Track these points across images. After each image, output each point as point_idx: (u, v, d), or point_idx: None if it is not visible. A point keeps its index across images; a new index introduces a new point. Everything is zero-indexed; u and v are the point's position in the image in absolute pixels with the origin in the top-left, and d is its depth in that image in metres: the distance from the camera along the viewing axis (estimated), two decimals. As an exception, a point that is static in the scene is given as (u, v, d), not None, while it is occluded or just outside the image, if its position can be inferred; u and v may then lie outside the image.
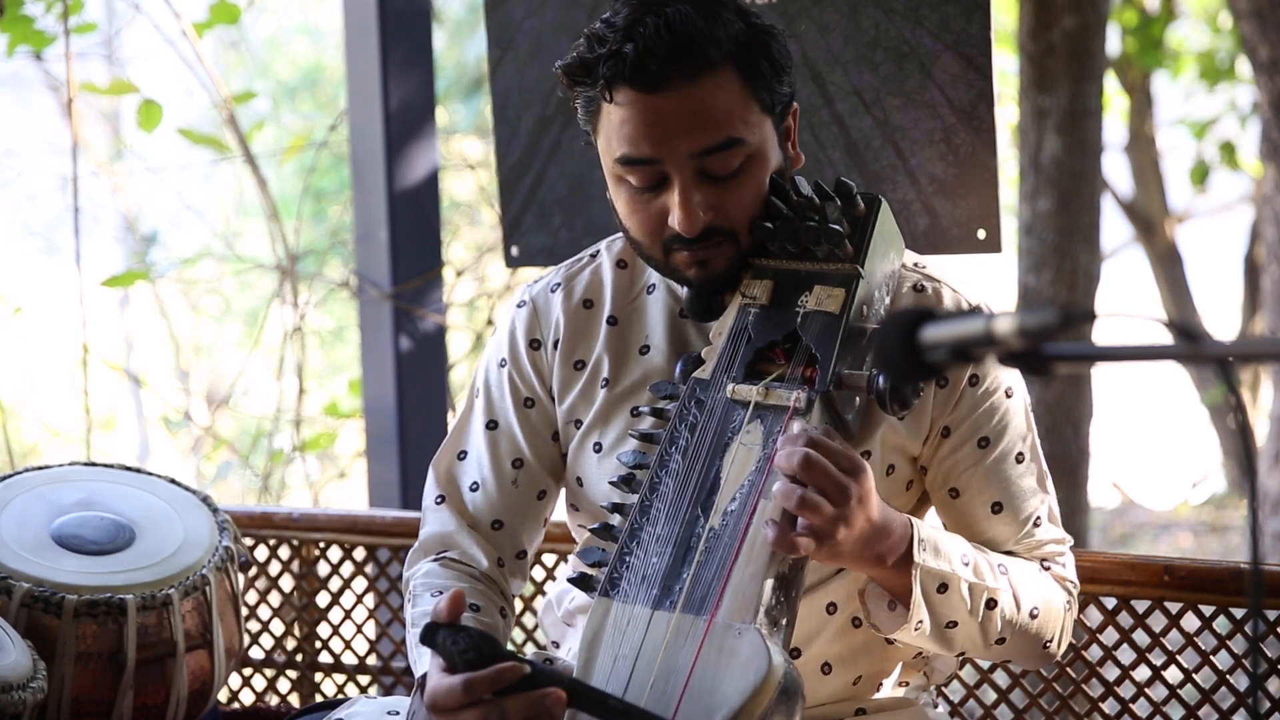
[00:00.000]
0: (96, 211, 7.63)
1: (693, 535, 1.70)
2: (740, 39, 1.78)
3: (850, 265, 1.79)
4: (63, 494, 2.32)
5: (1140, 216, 8.60)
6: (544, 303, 2.00)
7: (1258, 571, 2.10)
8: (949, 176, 2.48)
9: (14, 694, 2.03)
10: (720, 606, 1.65)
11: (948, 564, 1.78)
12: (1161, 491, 9.12)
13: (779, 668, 1.60)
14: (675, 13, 1.75)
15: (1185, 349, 1.17)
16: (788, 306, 1.79)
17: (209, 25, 3.69)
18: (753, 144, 1.79)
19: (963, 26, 2.44)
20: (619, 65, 1.75)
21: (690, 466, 1.75)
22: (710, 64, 1.76)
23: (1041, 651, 1.92)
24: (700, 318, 1.87)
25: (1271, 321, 5.01)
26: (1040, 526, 1.93)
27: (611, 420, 1.94)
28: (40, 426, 7.16)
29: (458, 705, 1.59)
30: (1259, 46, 4.67)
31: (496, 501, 2.00)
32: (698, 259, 1.81)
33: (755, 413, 1.75)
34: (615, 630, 1.69)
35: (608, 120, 1.80)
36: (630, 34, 1.75)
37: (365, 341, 3.25)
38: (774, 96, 1.81)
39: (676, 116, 1.76)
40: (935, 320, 1.33)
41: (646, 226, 1.82)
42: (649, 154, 1.77)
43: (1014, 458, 1.89)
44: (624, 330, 1.96)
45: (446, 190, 6.68)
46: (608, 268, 1.99)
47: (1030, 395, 1.93)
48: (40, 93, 8.41)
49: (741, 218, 1.80)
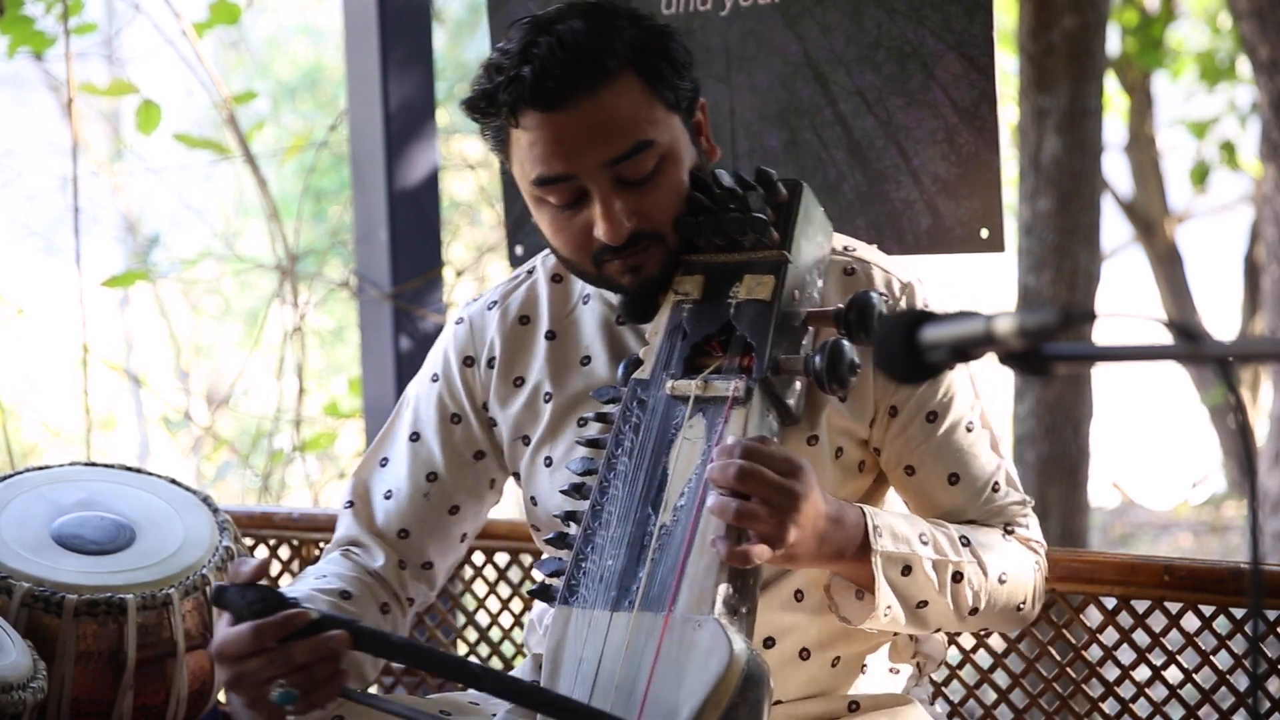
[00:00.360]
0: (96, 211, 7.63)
1: (645, 534, 1.71)
2: (635, 44, 1.80)
3: (777, 251, 1.80)
4: (63, 494, 2.32)
5: (1140, 216, 8.61)
6: (480, 321, 2.03)
7: (1258, 571, 2.10)
8: (951, 176, 2.48)
9: (14, 694, 2.03)
10: (677, 601, 1.65)
11: (907, 546, 1.79)
12: (1161, 491, 9.13)
13: (741, 655, 1.60)
14: (566, 29, 1.78)
15: (1185, 349, 1.17)
16: (720, 299, 1.80)
17: (209, 25, 3.70)
18: (663, 144, 1.80)
19: (965, 26, 2.45)
20: (519, 89, 1.77)
21: (637, 466, 1.76)
22: (608, 73, 1.78)
23: (1015, 615, 1.93)
24: (636, 320, 1.89)
25: (1271, 321, 5.01)
26: (999, 491, 1.93)
27: (560, 433, 1.96)
28: (40, 426, 7.16)
29: (245, 652, 1.60)
30: (1259, 46, 4.68)
31: (406, 511, 2.03)
32: (629, 266, 1.83)
33: (696, 406, 1.76)
34: (577, 636, 1.70)
35: (518, 145, 1.82)
36: (525, 57, 1.77)
37: (365, 341, 3.25)
38: (677, 94, 1.83)
39: (583, 130, 1.77)
40: (935, 320, 1.33)
41: (574, 242, 1.84)
42: (562, 171, 1.79)
43: (964, 428, 1.90)
44: (563, 344, 1.98)
45: (446, 190, 6.68)
46: (543, 283, 2.02)
47: (1031, 395, 1.94)
48: (40, 93, 8.42)
49: (665, 219, 1.82)
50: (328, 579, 1.96)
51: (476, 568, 2.66)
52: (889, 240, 2.53)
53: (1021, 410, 4.99)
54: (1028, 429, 4.97)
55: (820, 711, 1.94)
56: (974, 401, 1.92)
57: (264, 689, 1.60)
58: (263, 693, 1.61)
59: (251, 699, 1.62)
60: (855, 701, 1.96)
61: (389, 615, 1.99)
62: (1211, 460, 9.09)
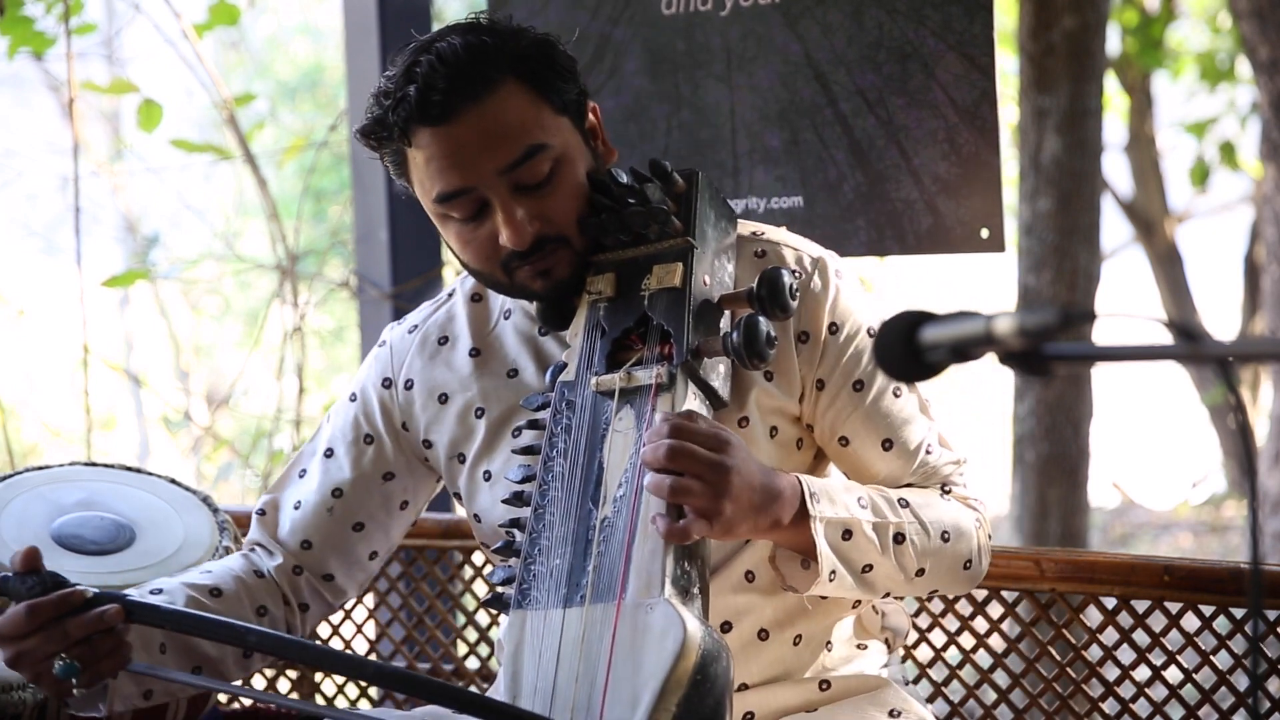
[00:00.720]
0: (97, 211, 7.63)
1: (589, 529, 1.73)
2: (515, 52, 1.83)
3: (682, 239, 1.83)
4: (63, 494, 2.32)
5: (1140, 216, 8.61)
6: (400, 344, 2.07)
7: (1258, 571, 2.10)
8: (952, 176, 2.48)
9: (14, 694, 2.03)
10: (626, 588, 1.67)
11: (845, 510, 1.81)
12: (1161, 491, 9.13)
13: (695, 633, 1.61)
14: (445, 46, 1.81)
15: (1185, 349, 1.17)
16: (633, 292, 1.83)
17: (209, 26, 3.70)
18: (556, 147, 1.83)
19: (965, 26, 2.45)
20: (406, 109, 1.81)
21: (573, 465, 1.78)
22: (490, 82, 1.81)
23: (964, 574, 1.94)
24: (557, 327, 1.92)
25: (1271, 321, 5.01)
26: (932, 454, 1.95)
27: (495, 448, 1.98)
28: (40, 426, 7.16)
29: (22, 631, 1.70)
30: (1259, 46, 4.68)
31: (311, 522, 2.06)
32: (538, 270, 1.85)
33: (623, 399, 1.79)
34: (534, 638, 1.71)
35: (415, 165, 1.85)
36: (409, 77, 1.81)
37: (365, 341, 3.25)
38: (564, 98, 1.86)
39: (474, 140, 1.80)
40: (934, 320, 1.33)
41: (481, 254, 1.87)
42: (460, 184, 1.82)
43: (891, 393, 1.92)
44: (488, 359, 2.01)
45: (446, 190, 6.65)
46: (461, 304, 2.05)
47: (1031, 395, 1.94)
48: (40, 93, 8.42)
49: (567, 220, 1.85)
50: (207, 575, 2.01)
51: (476, 568, 2.66)
52: (889, 240, 2.53)
53: (1021, 410, 4.99)
54: (1028, 429, 4.97)
55: (792, 697, 1.94)
56: None
57: (45, 664, 1.71)
58: (45, 668, 1.72)
59: (34, 674, 1.73)
60: (826, 681, 1.96)
61: (266, 617, 2.02)
62: (1211, 460, 9.09)
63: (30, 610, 1.70)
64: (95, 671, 1.73)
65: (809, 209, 2.58)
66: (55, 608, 1.70)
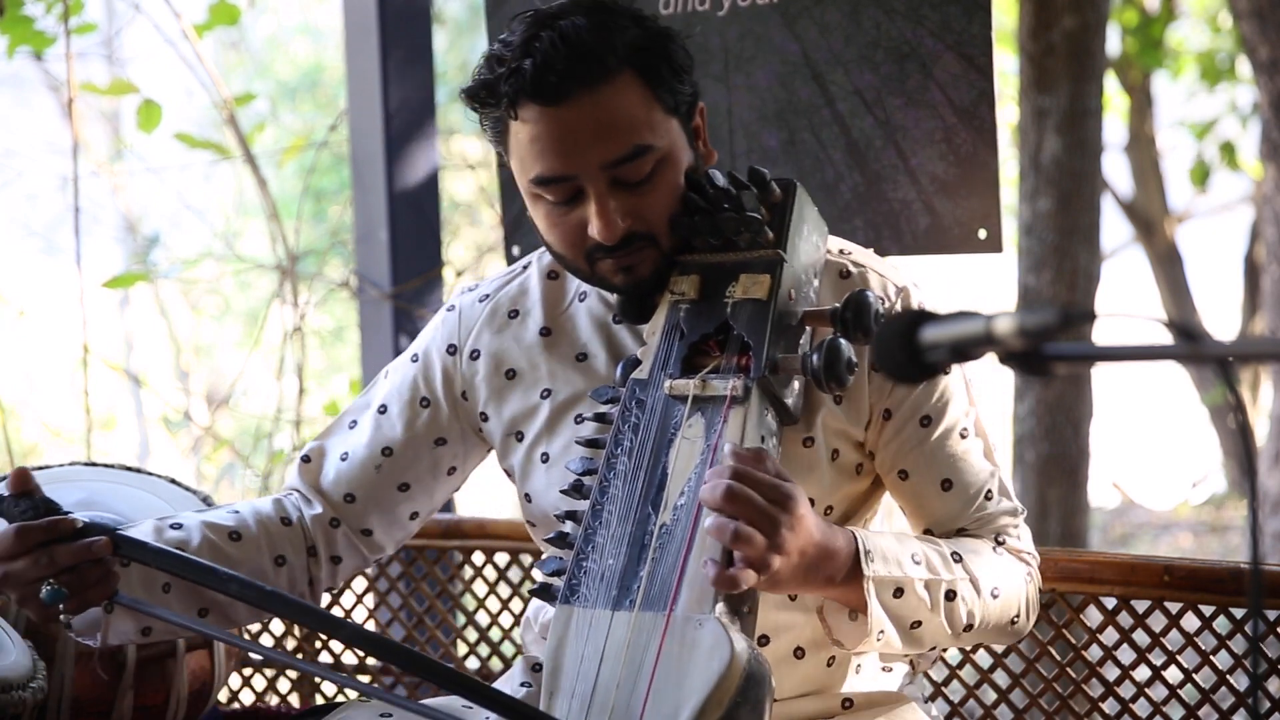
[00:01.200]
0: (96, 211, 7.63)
1: (645, 533, 1.71)
2: (637, 44, 1.80)
3: (772, 250, 1.81)
4: (63, 494, 2.31)
5: (1140, 216, 8.61)
6: (469, 311, 2.04)
7: (1258, 571, 2.10)
8: (950, 176, 2.48)
9: (14, 694, 2.03)
10: (678, 600, 1.65)
11: (898, 568, 1.79)
12: (1161, 491, 9.13)
13: (742, 654, 1.60)
14: (569, 25, 1.77)
15: (1185, 349, 1.17)
16: (716, 298, 1.81)
17: (209, 26, 3.70)
18: (661, 148, 1.80)
19: (964, 26, 2.45)
20: (520, 81, 1.77)
21: (637, 466, 1.76)
22: (609, 71, 1.78)
23: (1010, 628, 1.92)
24: (634, 320, 1.90)
25: (1271, 321, 5.01)
26: (991, 500, 1.93)
27: (556, 431, 1.96)
28: (40, 426, 7.16)
29: (11, 553, 1.73)
30: (1259, 46, 4.68)
31: (357, 477, 2.05)
32: (622, 265, 1.83)
33: (695, 406, 1.76)
34: (578, 636, 1.70)
35: (516, 140, 1.83)
36: (527, 50, 1.77)
37: (365, 341, 3.25)
38: (676, 98, 1.84)
39: (582, 128, 1.77)
40: (934, 320, 1.33)
41: (567, 239, 1.85)
42: (561, 171, 1.80)
43: (958, 433, 1.90)
44: (559, 340, 1.98)
45: (446, 190, 6.68)
46: (536, 279, 2.02)
47: (1031, 395, 1.94)
48: (40, 93, 8.42)
49: (659, 221, 1.82)
50: (232, 516, 2.01)
51: (476, 568, 2.66)
52: (887, 240, 2.53)
53: (1021, 410, 4.99)
54: (1028, 429, 4.97)
55: (814, 709, 1.94)
56: (969, 408, 1.92)
57: (33, 587, 1.74)
58: (32, 590, 1.74)
59: (21, 596, 1.76)
60: (849, 699, 1.96)
61: (283, 567, 2.01)
62: (1211, 460, 9.09)
63: (19, 532, 1.73)
64: (82, 599, 1.75)
65: (808, 209, 2.57)
66: (44, 533, 1.73)
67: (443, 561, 2.68)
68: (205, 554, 1.93)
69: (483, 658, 2.70)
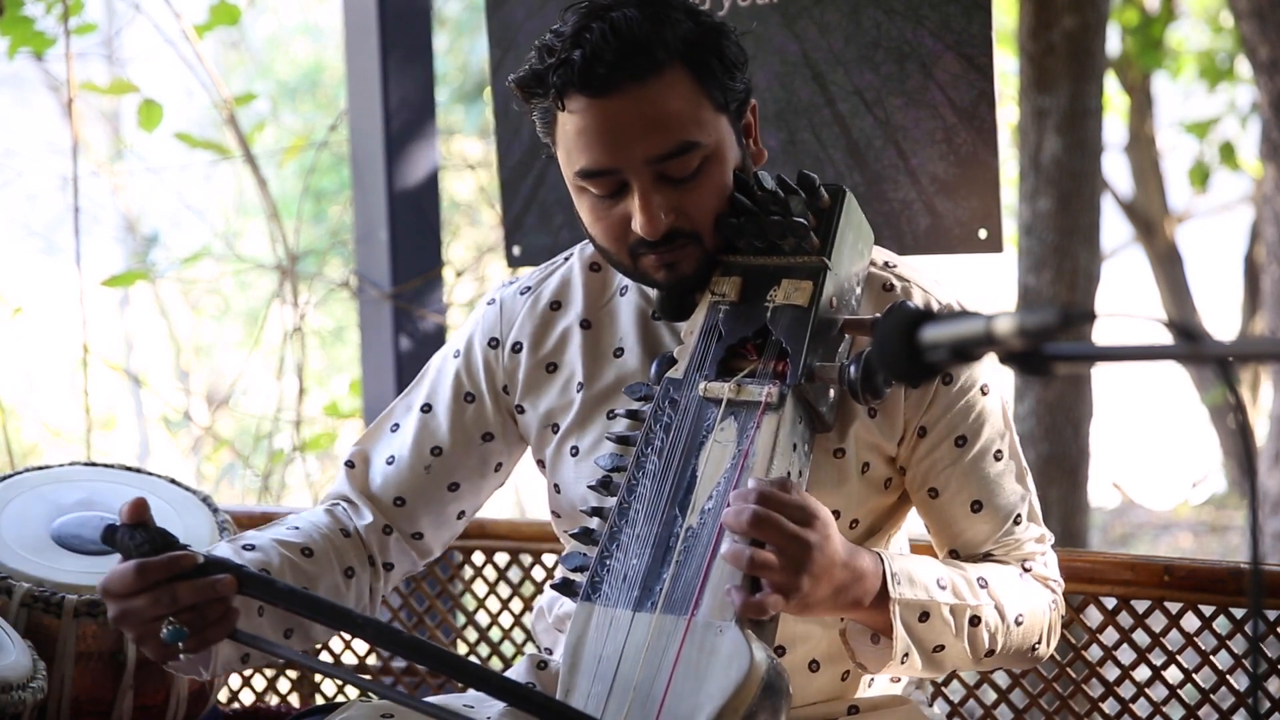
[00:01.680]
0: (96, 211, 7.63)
1: (671, 535, 1.70)
2: (688, 38, 1.79)
3: (817, 257, 1.79)
4: (63, 494, 2.32)
5: (1140, 216, 8.61)
6: (511, 304, 2.03)
7: (1258, 571, 2.10)
8: (950, 176, 2.48)
9: (14, 694, 2.03)
10: (700, 605, 1.64)
11: (924, 592, 1.78)
12: (1161, 491, 9.12)
13: (761, 664, 1.59)
14: (620, 17, 1.76)
15: (1185, 349, 1.17)
16: (757, 302, 1.79)
17: (209, 26, 3.70)
18: (709, 145, 1.79)
19: (964, 26, 2.45)
20: (568, 72, 1.76)
21: (666, 466, 1.75)
22: (658, 65, 1.76)
23: (1030, 654, 1.92)
24: (672, 318, 1.88)
25: (1271, 321, 5.01)
26: (1020, 524, 1.92)
27: (588, 424, 1.95)
28: (40, 426, 7.16)
29: (131, 590, 1.64)
30: (1259, 46, 4.68)
31: (406, 479, 2.03)
32: (664, 262, 1.82)
33: (728, 410, 1.75)
34: (598, 634, 1.69)
35: (564, 131, 1.81)
36: (577, 41, 1.76)
37: (365, 341, 3.25)
38: (727, 94, 1.82)
39: (630, 121, 1.76)
40: (935, 320, 1.33)
41: (611, 233, 1.83)
42: (607, 164, 1.78)
43: (992, 455, 1.89)
44: (597, 334, 1.97)
45: (446, 190, 6.68)
46: (578, 271, 2.01)
47: (1031, 395, 1.93)
48: (40, 93, 8.42)
49: (704, 218, 1.81)
50: (295, 532, 1.97)
51: (476, 568, 2.66)
52: (887, 241, 2.53)
53: (1021, 410, 4.99)
54: (1028, 429, 4.97)
55: (819, 714, 1.93)
56: (1004, 431, 1.91)
57: (152, 626, 1.66)
58: (151, 630, 1.66)
59: (140, 635, 1.68)
60: (854, 705, 1.95)
61: (353, 579, 1.99)
62: (1211, 460, 9.08)
63: (140, 569, 1.64)
64: (202, 638, 1.67)
65: (809, 209, 2.57)
66: (166, 569, 1.64)
67: (443, 561, 2.68)
68: (287, 574, 1.90)
69: (483, 658, 2.70)
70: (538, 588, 2.63)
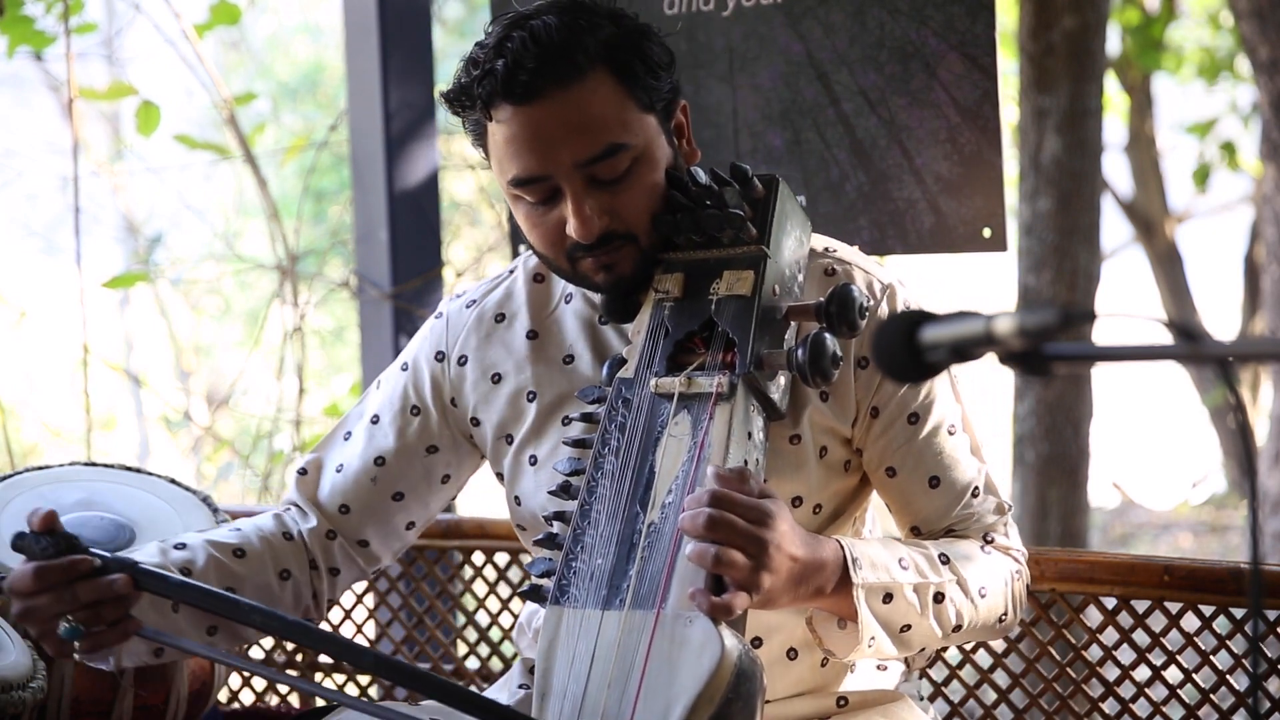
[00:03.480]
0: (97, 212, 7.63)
1: (634, 532, 1.71)
2: (609, 42, 1.80)
3: (756, 247, 1.80)
4: (63, 494, 2.32)
5: (1140, 216, 8.61)
6: (456, 318, 2.05)
7: (1258, 571, 2.10)
8: (954, 175, 2.48)
9: (14, 694, 2.03)
10: (667, 598, 1.65)
11: (886, 574, 1.79)
12: (1161, 491, 9.12)
13: (733, 650, 1.60)
14: (540, 24, 1.78)
15: (1185, 349, 1.17)
16: (701, 295, 1.81)
17: (209, 26, 3.70)
18: (637, 146, 1.80)
19: (967, 26, 2.45)
20: (492, 82, 1.78)
21: (624, 465, 1.76)
22: (579, 70, 1.78)
23: (997, 626, 1.93)
24: (618, 319, 1.90)
25: (1271, 321, 5.01)
26: (978, 497, 1.93)
27: (544, 433, 1.96)
28: (40, 426, 7.16)
29: (30, 590, 1.74)
30: (1259, 46, 4.68)
31: (351, 488, 2.06)
32: (602, 264, 1.83)
33: (681, 403, 1.76)
34: (569, 636, 1.70)
35: (494, 141, 1.83)
36: (500, 50, 1.78)
37: (365, 341, 3.25)
38: (652, 95, 1.83)
39: (555, 126, 1.78)
40: (934, 320, 1.33)
41: (547, 239, 1.85)
42: (537, 171, 1.80)
43: (945, 430, 1.90)
44: (545, 343, 1.99)
45: (446, 190, 6.68)
46: (522, 282, 2.03)
47: (1031, 395, 1.94)
48: (40, 93, 8.42)
49: (638, 219, 1.82)
50: (235, 533, 2.01)
51: (476, 568, 2.66)
52: (892, 240, 2.53)
53: (1021, 410, 4.99)
54: (1028, 429, 4.97)
55: (809, 709, 1.94)
56: (955, 405, 1.92)
57: (51, 624, 1.75)
58: (50, 627, 1.75)
59: (40, 632, 1.77)
60: (844, 698, 1.96)
61: (289, 581, 2.02)
62: (1211, 460, 9.09)
63: (38, 571, 1.73)
64: (99, 638, 1.76)
65: (811, 209, 2.58)
66: (63, 572, 1.73)
67: (443, 561, 2.68)
68: (212, 573, 1.94)
69: (483, 658, 2.70)
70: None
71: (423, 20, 3.21)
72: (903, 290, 1.91)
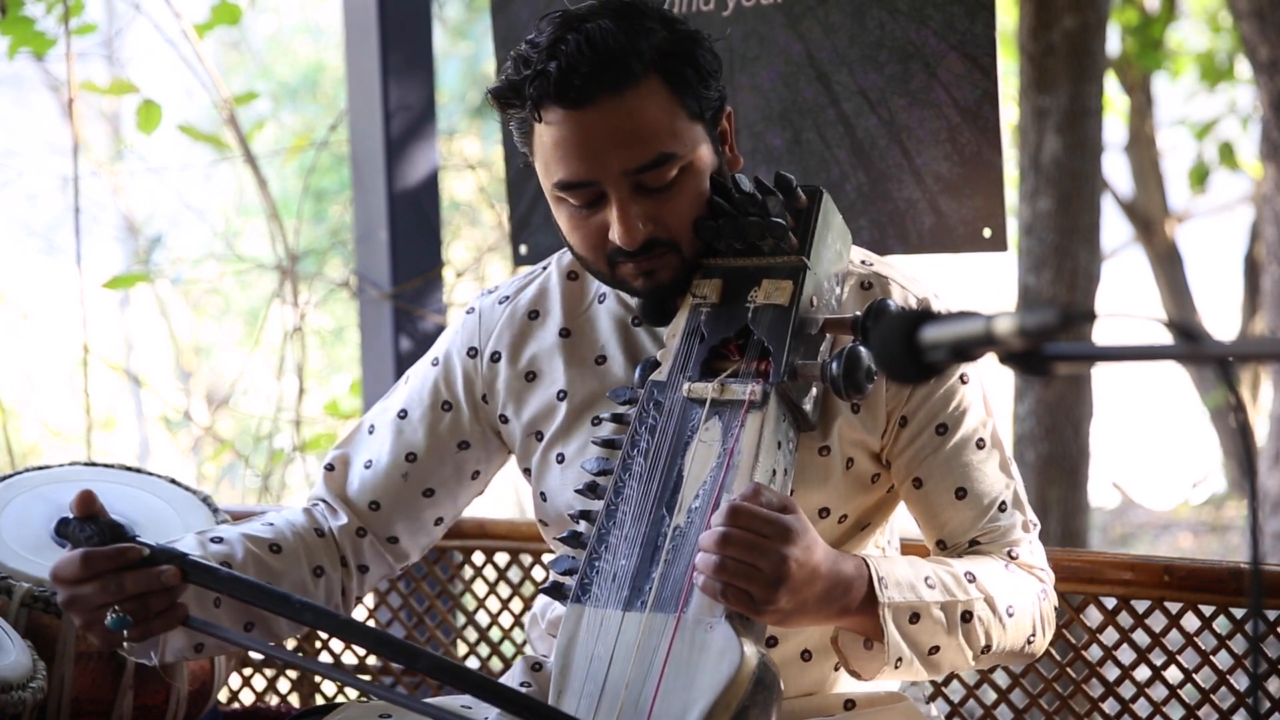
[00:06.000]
0: (97, 212, 7.63)
1: (659, 535, 1.71)
2: (663, 48, 1.79)
3: (796, 257, 1.80)
4: (63, 494, 2.32)
5: (1140, 216, 8.61)
6: (489, 313, 2.04)
7: (1258, 571, 2.10)
8: (954, 176, 2.48)
9: (14, 694, 2.03)
10: (689, 602, 1.65)
11: (912, 593, 1.78)
12: (1161, 491, 9.12)
13: (751, 658, 1.60)
14: (595, 28, 1.77)
15: (1185, 349, 1.17)
16: (738, 303, 1.81)
17: (210, 26, 3.70)
18: (685, 155, 1.80)
19: (967, 26, 2.45)
20: (544, 84, 1.77)
21: (653, 467, 1.76)
22: (634, 77, 1.77)
23: (1026, 648, 1.91)
24: (654, 323, 1.89)
25: (1271, 321, 5.01)
26: (1005, 512, 1.92)
27: (573, 431, 1.96)
28: (40, 426, 7.16)
29: (76, 577, 1.72)
30: (1259, 46, 4.68)
31: (381, 484, 2.05)
32: (643, 270, 1.83)
33: (713, 410, 1.76)
34: (589, 635, 1.70)
35: (540, 142, 1.82)
36: (553, 52, 1.77)
37: (365, 341, 3.25)
38: (702, 103, 1.82)
39: (606, 133, 1.77)
40: (935, 320, 1.33)
41: (589, 242, 1.84)
42: (584, 176, 1.79)
43: (974, 443, 1.90)
44: (577, 342, 1.98)
45: (446, 190, 6.68)
46: (556, 280, 2.02)
47: (1031, 395, 1.93)
48: (40, 93, 8.42)
49: (681, 227, 1.82)
50: (268, 528, 2.00)
51: (476, 567, 2.66)
52: (892, 240, 2.53)
53: (1021, 410, 4.99)
54: (1028, 429, 4.97)
55: (816, 708, 1.94)
56: (986, 418, 1.91)
57: (98, 613, 1.73)
58: (97, 616, 1.73)
59: (86, 621, 1.75)
60: (850, 700, 1.96)
61: (321, 578, 2.01)
62: (1211, 460, 9.09)
63: (86, 558, 1.71)
64: (146, 628, 1.74)
65: (809, 209, 2.57)
66: (111, 560, 1.71)
67: (443, 561, 2.68)
68: (250, 568, 1.93)
69: (483, 658, 2.70)
70: (538, 588, 2.63)
71: (423, 20, 3.21)
72: (939, 304, 1.90)
